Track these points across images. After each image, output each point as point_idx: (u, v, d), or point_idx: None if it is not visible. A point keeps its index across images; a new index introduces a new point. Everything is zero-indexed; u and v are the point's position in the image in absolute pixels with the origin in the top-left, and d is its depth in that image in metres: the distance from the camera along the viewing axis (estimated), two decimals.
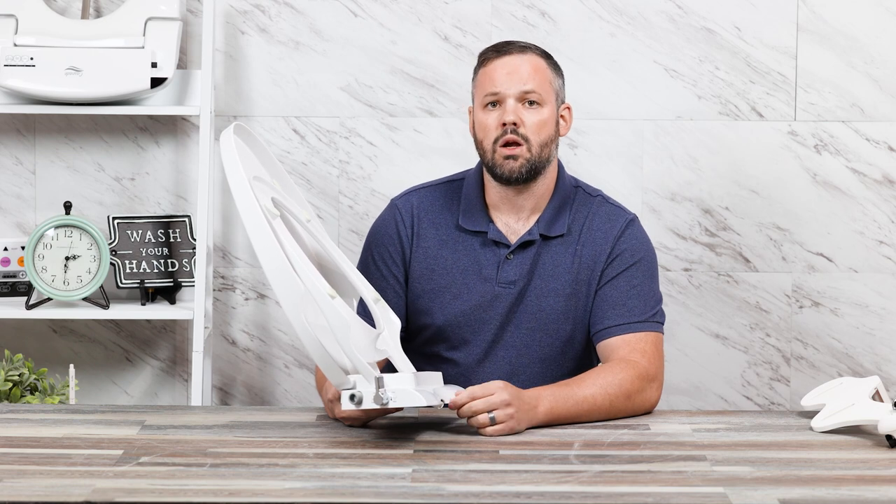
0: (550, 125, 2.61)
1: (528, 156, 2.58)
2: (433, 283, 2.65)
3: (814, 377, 3.45)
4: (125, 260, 3.35)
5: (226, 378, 3.50)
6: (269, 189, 2.33)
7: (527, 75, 2.59)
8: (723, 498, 1.96)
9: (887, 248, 3.44)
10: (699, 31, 3.41)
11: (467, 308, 2.63)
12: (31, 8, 3.32)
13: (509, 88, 2.58)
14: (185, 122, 3.45)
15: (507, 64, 2.60)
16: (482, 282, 2.63)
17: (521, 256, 2.63)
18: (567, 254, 2.63)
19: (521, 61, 2.60)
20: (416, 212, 2.68)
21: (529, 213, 2.64)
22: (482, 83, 2.62)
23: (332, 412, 2.38)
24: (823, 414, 2.35)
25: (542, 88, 2.60)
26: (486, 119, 2.60)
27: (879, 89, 3.41)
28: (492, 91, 2.59)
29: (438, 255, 2.66)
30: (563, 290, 2.62)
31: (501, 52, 2.61)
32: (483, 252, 2.64)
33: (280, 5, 3.42)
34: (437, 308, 2.65)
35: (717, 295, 3.45)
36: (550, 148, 2.61)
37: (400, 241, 2.68)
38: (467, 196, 2.67)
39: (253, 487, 2.01)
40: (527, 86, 2.58)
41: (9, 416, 2.44)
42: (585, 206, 2.67)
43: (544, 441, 2.28)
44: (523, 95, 2.58)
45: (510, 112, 2.57)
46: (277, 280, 2.16)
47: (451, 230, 2.67)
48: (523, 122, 2.57)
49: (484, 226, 2.64)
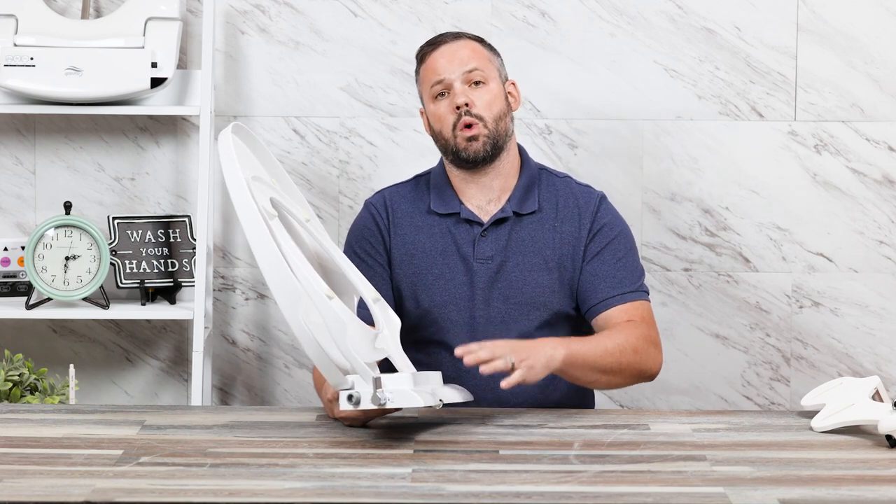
0: (500, 99, 2.69)
1: (486, 132, 2.66)
2: (414, 267, 2.71)
3: (814, 377, 3.45)
4: (125, 260, 3.35)
5: (226, 378, 3.50)
6: (267, 189, 2.33)
7: (466, 57, 2.69)
8: (723, 498, 1.96)
9: (887, 248, 3.44)
10: (699, 31, 3.41)
11: (451, 286, 2.69)
12: (31, 8, 3.32)
13: (452, 73, 2.67)
14: (185, 122, 3.45)
15: (445, 52, 2.70)
16: (461, 259, 2.69)
17: (496, 233, 2.69)
18: (545, 230, 2.70)
19: (456, 47, 2.70)
20: (388, 204, 2.76)
21: (499, 193, 2.72)
22: (426, 77, 2.71)
23: (332, 412, 2.39)
24: (823, 414, 2.35)
25: (483, 66, 2.69)
26: (439, 109, 2.69)
27: (879, 89, 3.41)
28: (437, 80, 2.68)
29: (416, 241, 2.72)
30: (546, 265, 2.69)
31: (436, 43, 2.72)
32: (457, 230, 2.71)
33: (280, 5, 3.42)
34: (421, 291, 2.70)
35: (717, 295, 3.45)
36: (506, 121, 2.69)
37: (378, 231, 2.74)
38: (436, 185, 2.75)
39: (253, 487, 2.01)
40: (468, 66, 2.68)
41: (9, 416, 2.44)
42: (553, 186, 2.75)
43: (544, 441, 2.28)
44: (467, 77, 2.67)
45: (459, 94, 2.66)
46: (274, 281, 2.16)
47: (423, 216, 2.74)
48: (473, 102, 2.66)
49: (455, 207, 2.72)
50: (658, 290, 3.44)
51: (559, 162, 3.41)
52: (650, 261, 3.43)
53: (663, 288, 3.44)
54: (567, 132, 3.43)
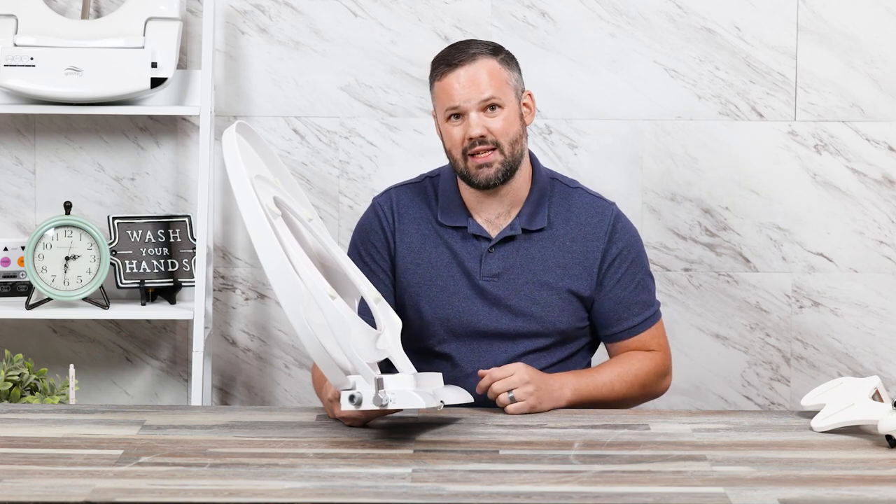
0: (515, 123, 2.62)
1: (501, 159, 2.60)
2: (418, 276, 2.68)
3: (814, 377, 3.45)
4: (125, 260, 3.35)
5: (226, 378, 3.50)
6: (271, 188, 2.32)
7: (484, 84, 2.59)
8: (723, 498, 1.96)
9: (887, 248, 3.44)
10: (699, 31, 3.41)
11: (455, 300, 2.66)
12: (31, 8, 3.32)
13: (468, 101, 2.59)
14: (185, 122, 3.45)
15: (461, 76, 2.60)
16: (465, 275, 2.66)
17: (504, 250, 2.66)
18: (555, 247, 2.67)
19: (474, 70, 2.60)
20: (395, 207, 2.72)
21: (509, 207, 2.67)
22: (440, 98, 2.63)
23: (332, 412, 2.38)
24: (823, 414, 2.35)
25: (501, 92, 2.60)
26: (452, 131, 2.62)
27: (879, 89, 3.41)
28: (451, 106, 2.60)
29: (421, 250, 2.69)
30: (555, 284, 2.65)
31: (453, 64, 2.61)
32: (464, 246, 2.67)
33: (280, 5, 3.42)
34: (424, 301, 2.68)
35: (717, 295, 3.45)
36: (521, 143, 2.64)
37: (384, 234, 2.71)
38: (444, 193, 2.71)
39: (253, 487, 2.01)
40: (485, 94, 2.59)
41: (9, 416, 2.44)
42: (566, 199, 2.70)
43: (544, 441, 2.28)
44: (483, 104, 2.59)
45: (475, 126, 2.58)
46: (278, 279, 2.16)
47: (431, 225, 2.70)
48: (489, 129, 2.59)
49: (463, 221, 2.68)
50: (658, 290, 3.42)
51: (559, 162, 3.41)
52: (650, 261, 3.43)
53: (663, 288, 3.43)
54: (567, 132, 3.43)
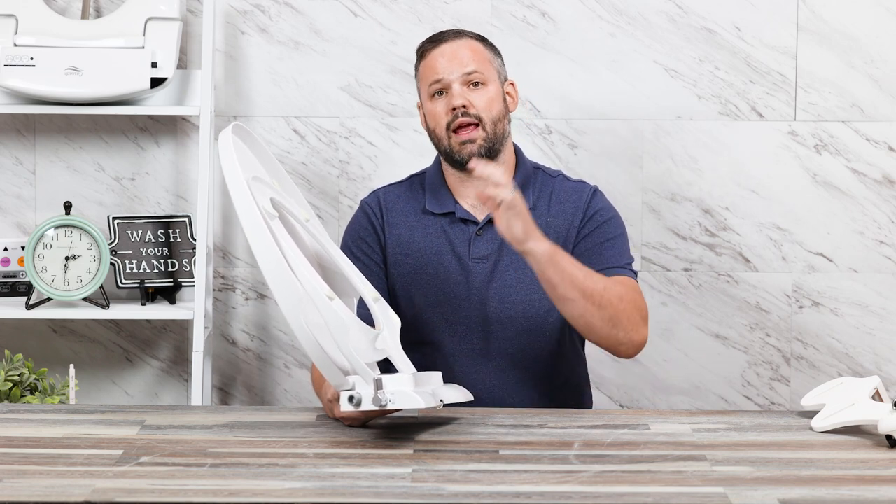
0: (499, 101, 2.67)
1: (483, 135, 2.65)
2: (409, 266, 2.71)
3: (814, 377, 3.45)
4: (125, 260, 3.36)
5: (226, 378, 3.50)
6: (268, 189, 2.32)
7: (466, 58, 2.67)
8: (723, 498, 1.96)
9: (887, 248, 3.44)
10: (699, 31, 3.41)
11: (445, 286, 2.68)
12: (31, 8, 3.32)
13: (451, 73, 2.65)
14: (185, 122, 3.45)
15: (445, 51, 2.67)
16: (456, 259, 2.69)
17: (491, 232, 2.67)
18: (539, 226, 2.65)
19: (457, 46, 2.68)
20: (383, 203, 2.76)
21: None
22: (424, 75, 2.69)
23: (331, 412, 2.39)
24: (823, 414, 2.35)
25: (483, 68, 2.67)
26: (435, 107, 2.67)
27: (879, 89, 3.41)
28: (435, 79, 2.66)
29: (410, 239, 2.72)
30: None
31: (437, 41, 2.70)
32: (452, 230, 2.70)
33: (280, 5, 3.42)
34: (415, 290, 2.70)
35: (717, 295, 3.45)
36: (503, 123, 2.68)
37: (374, 229, 2.74)
38: (431, 184, 2.75)
39: (253, 487, 2.01)
40: (468, 68, 2.66)
41: (9, 416, 2.44)
42: (548, 185, 2.74)
43: (544, 441, 2.28)
44: (466, 78, 2.65)
45: (457, 96, 2.64)
46: (275, 281, 2.16)
47: (418, 215, 2.73)
48: (472, 103, 2.64)
49: (451, 206, 2.71)
50: (658, 290, 3.44)
51: (559, 162, 3.41)
52: (650, 261, 3.43)
53: (663, 288, 3.44)
54: (567, 132, 3.43)
